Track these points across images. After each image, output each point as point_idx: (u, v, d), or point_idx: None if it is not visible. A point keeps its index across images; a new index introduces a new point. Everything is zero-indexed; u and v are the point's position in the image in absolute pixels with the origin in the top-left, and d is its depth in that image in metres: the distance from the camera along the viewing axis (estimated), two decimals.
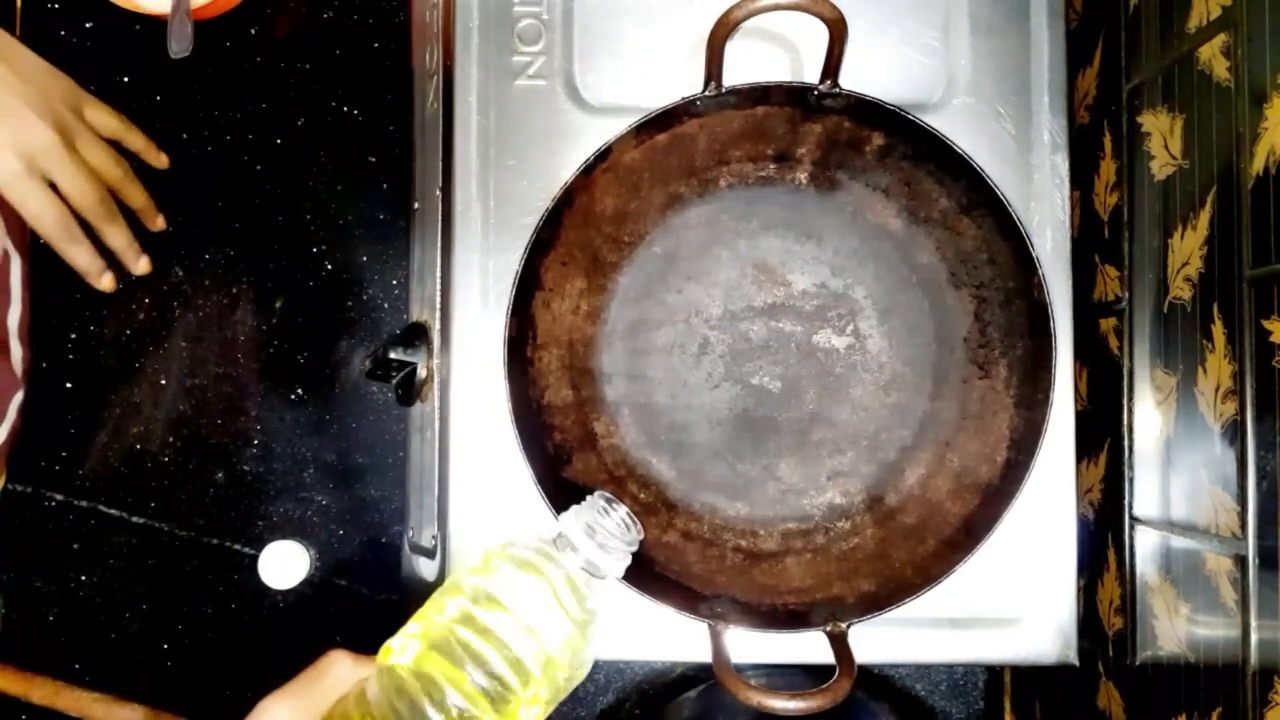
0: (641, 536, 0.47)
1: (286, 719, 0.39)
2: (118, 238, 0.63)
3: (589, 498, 0.47)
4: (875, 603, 0.51)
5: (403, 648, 0.41)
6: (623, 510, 0.46)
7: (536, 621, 0.41)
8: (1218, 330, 0.47)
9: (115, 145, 0.63)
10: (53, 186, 0.59)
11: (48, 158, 0.57)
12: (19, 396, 0.65)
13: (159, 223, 0.67)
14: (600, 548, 0.45)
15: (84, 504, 0.69)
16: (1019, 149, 0.57)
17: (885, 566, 0.54)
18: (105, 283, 0.65)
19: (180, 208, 0.69)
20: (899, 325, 0.57)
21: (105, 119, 0.62)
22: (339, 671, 0.41)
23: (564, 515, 0.47)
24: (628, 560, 0.47)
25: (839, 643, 0.48)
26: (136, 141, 0.65)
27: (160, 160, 0.67)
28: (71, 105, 0.59)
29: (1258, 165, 0.44)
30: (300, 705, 0.39)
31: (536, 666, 0.41)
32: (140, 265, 0.66)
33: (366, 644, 0.43)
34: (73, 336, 0.69)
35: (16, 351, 0.65)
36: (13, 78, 0.56)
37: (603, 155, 0.51)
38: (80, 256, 0.62)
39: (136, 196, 0.65)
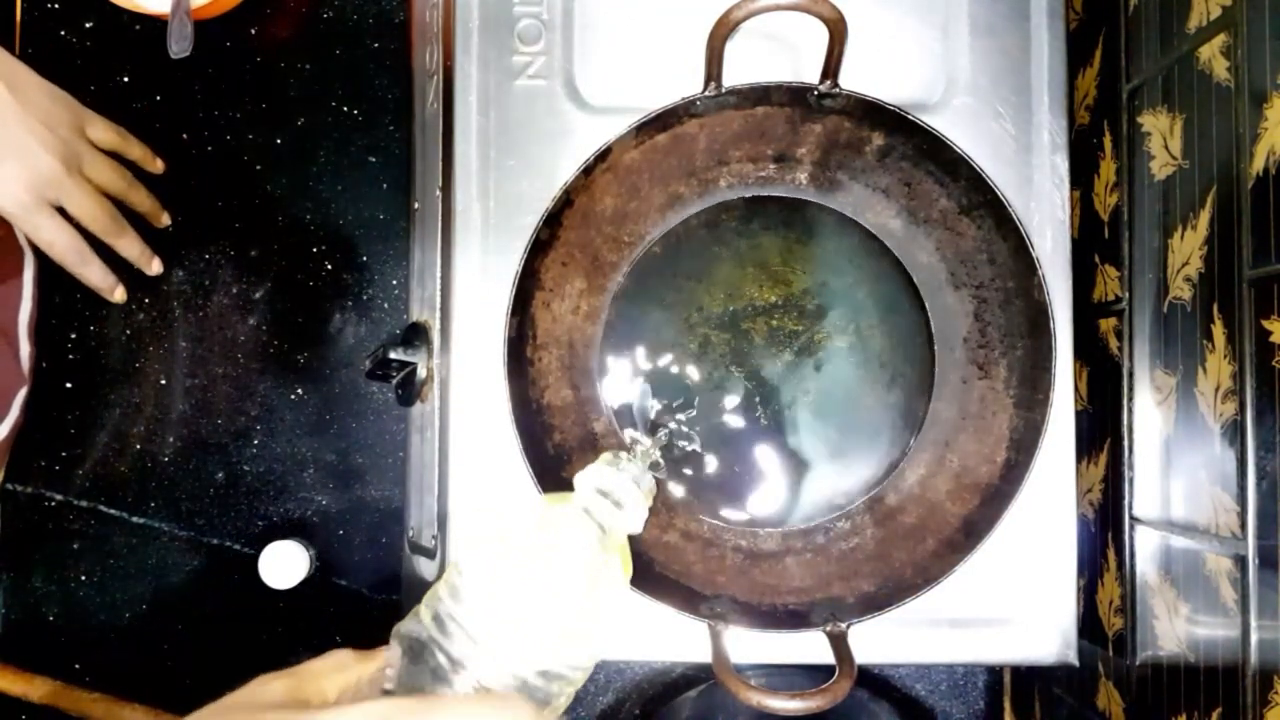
0: (660, 473, 0.47)
1: (279, 691, 0.39)
2: (130, 248, 0.65)
3: (599, 459, 0.47)
4: (875, 603, 0.51)
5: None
6: (634, 468, 0.46)
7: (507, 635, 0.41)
8: (1218, 330, 0.47)
9: (114, 155, 0.64)
10: (62, 211, 0.59)
11: (56, 187, 0.58)
12: (24, 392, 0.66)
13: (165, 220, 0.68)
14: (616, 506, 0.45)
15: (84, 504, 0.69)
16: (1019, 149, 0.57)
17: (885, 566, 0.54)
18: (118, 296, 0.67)
19: (181, 208, 0.69)
20: (899, 325, 0.57)
21: (105, 134, 0.63)
22: (340, 658, 0.41)
23: (579, 479, 0.47)
24: (645, 512, 0.47)
25: (839, 643, 0.48)
26: (135, 151, 0.66)
27: (156, 166, 0.68)
28: (74, 127, 0.60)
29: (1258, 165, 0.44)
30: (294, 683, 0.39)
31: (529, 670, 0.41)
32: (154, 267, 0.67)
33: (366, 645, 0.43)
34: (73, 336, 0.69)
35: (25, 348, 0.66)
36: (18, 109, 0.56)
37: (603, 155, 0.51)
38: (94, 275, 0.64)
39: (142, 201, 0.66)
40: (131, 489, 0.69)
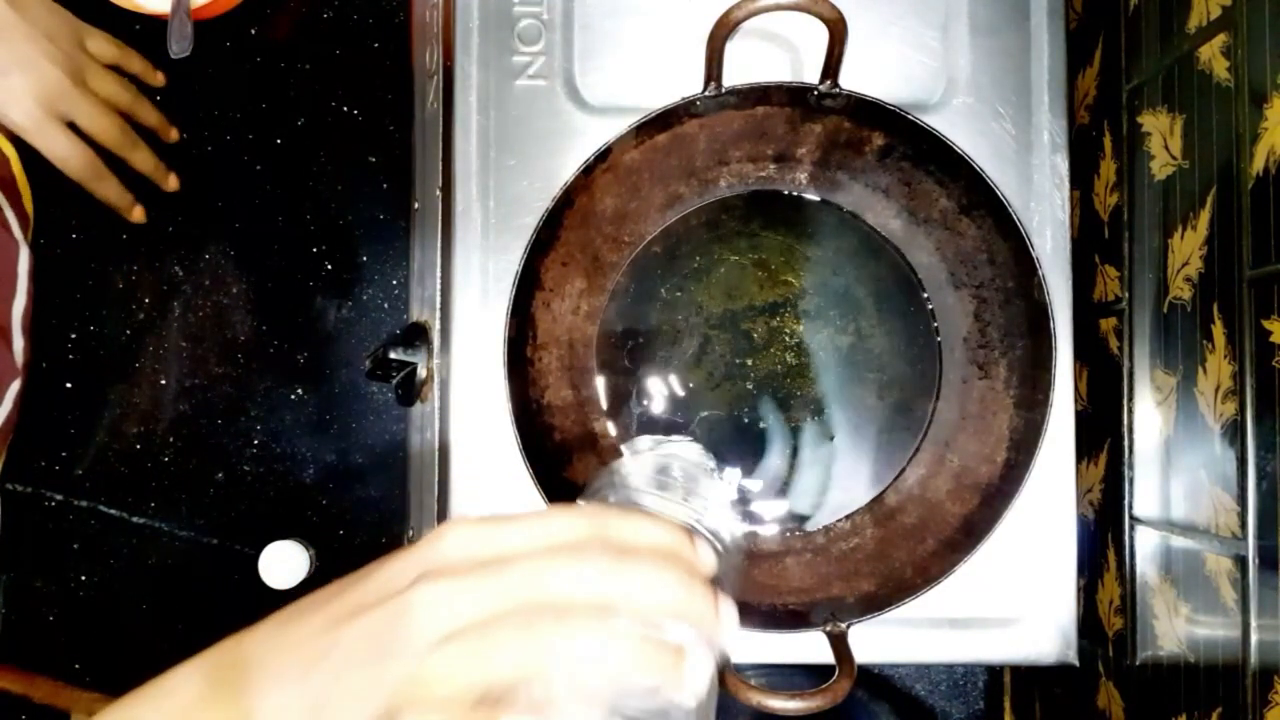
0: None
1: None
2: (144, 161, 0.65)
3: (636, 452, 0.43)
4: (875, 603, 0.51)
5: None
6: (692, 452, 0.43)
7: None
8: (1218, 330, 0.47)
9: (117, 70, 0.64)
10: (72, 127, 0.59)
11: (64, 99, 0.58)
12: (16, 386, 0.65)
13: (173, 134, 0.68)
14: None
15: (84, 504, 0.69)
16: (1019, 149, 0.57)
17: (885, 566, 0.54)
18: (136, 214, 0.66)
19: (180, 207, 0.69)
20: (899, 325, 0.57)
21: (105, 47, 0.63)
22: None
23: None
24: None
25: (839, 643, 0.48)
26: (135, 64, 0.66)
27: (158, 79, 0.68)
28: (76, 40, 0.60)
29: (1258, 165, 0.44)
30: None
31: None
32: (170, 182, 0.67)
33: None
34: (73, 336, 0.69)
35: (18, 342, 0.65)
36: (21, 24, 0.56)
37: (603, 155, 0.51)
38: (110, 191, 0.63)
39: (149, 115, 0.66)
40: (131, 489, 0.69)
